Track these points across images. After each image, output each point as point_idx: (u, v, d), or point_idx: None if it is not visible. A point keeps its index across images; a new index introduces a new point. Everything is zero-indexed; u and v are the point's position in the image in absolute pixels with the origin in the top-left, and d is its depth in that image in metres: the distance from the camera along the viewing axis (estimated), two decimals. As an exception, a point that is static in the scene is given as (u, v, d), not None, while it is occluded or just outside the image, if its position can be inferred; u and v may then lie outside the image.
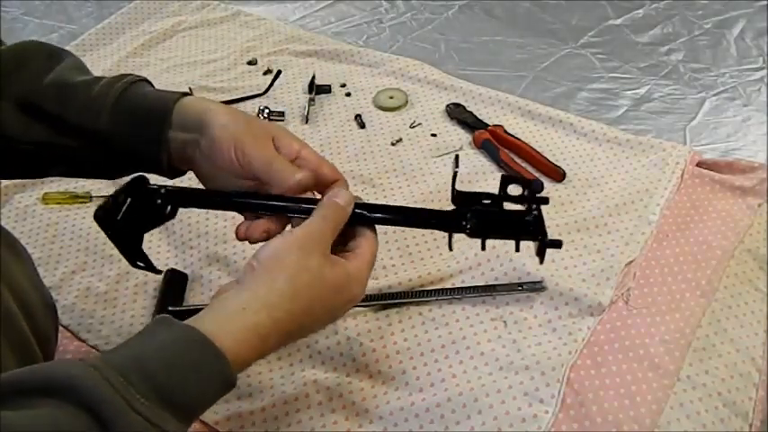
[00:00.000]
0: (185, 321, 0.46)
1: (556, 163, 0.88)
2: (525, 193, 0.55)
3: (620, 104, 1.05)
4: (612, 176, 0.87)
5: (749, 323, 0.72)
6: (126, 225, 0.55)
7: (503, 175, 0.56)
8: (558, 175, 0.87)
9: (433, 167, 0.91)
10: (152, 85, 0.61)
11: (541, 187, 0.56)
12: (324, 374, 0.67)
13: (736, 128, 0.99)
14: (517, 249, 0.56)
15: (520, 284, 0.73)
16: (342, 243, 0.55)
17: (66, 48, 1.12)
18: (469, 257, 0.77)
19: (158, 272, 0.59)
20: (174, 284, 0.76)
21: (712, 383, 0.66)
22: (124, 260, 0.58)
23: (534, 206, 0.55)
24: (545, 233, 0.54)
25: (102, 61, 1.13)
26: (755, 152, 0.94)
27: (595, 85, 1.08)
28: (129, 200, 0.54)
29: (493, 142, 0.91)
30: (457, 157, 0.60)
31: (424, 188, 0.87)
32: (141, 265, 0.57)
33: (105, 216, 0.54)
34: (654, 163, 0.87)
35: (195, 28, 1.21)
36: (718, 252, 0.77)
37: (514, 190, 0.55)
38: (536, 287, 0.73)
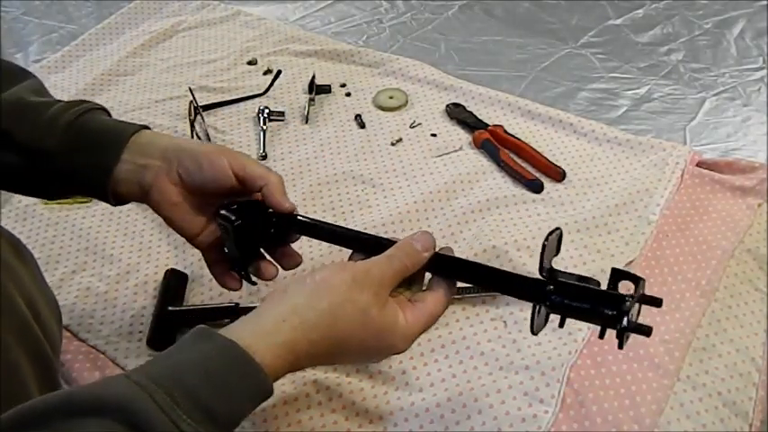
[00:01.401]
0: (224, 331, 0.46)
1: (556, 163, 0.88)
2: (634, 292, 0.50)
3: (620, 104, 1.05)
4: (612, 176, 0.87)
5: (749, 323, 0.72)
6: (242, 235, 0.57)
7: (614, 269, 0.51)
8: (558, 175, 0.87)
9: (433, 167, 0.91)
10: (109, 115, 0.62)
11: (541, 187, 0.55)
12: (324, 374, 0.67)
13: (736, 128, 0.99)
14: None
15: (520, 284, 0.73)
16: (419, 289, 0.54)
17: (66, 48, 1.15)
18: (469, 257, 0.76)
19: (253, 283, 0.61)
20: (174, 284, 0.76)
21: (712, 383, 0.66)
22: (124, 260, 0.58)
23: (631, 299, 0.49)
24: (639, 329, 0.49)
25: (102, 61, 1.13)
26: (755, 152, 0.94)
27: (595, 85, 1.08)
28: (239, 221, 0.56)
29: (493, 142, 0.91)
30: (553, 233, 0.55)
31: (424, 188, 0.87)
32: (242, 273, 0.60)
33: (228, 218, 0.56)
34: (654, 163, 0.87)
35: (195, 28, 1.21)
36: (718, 252, 0.77)
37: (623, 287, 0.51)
38: (536, 287, 0.73)
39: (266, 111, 1.00)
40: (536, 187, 0.86)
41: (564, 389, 0.65)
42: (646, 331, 0.48)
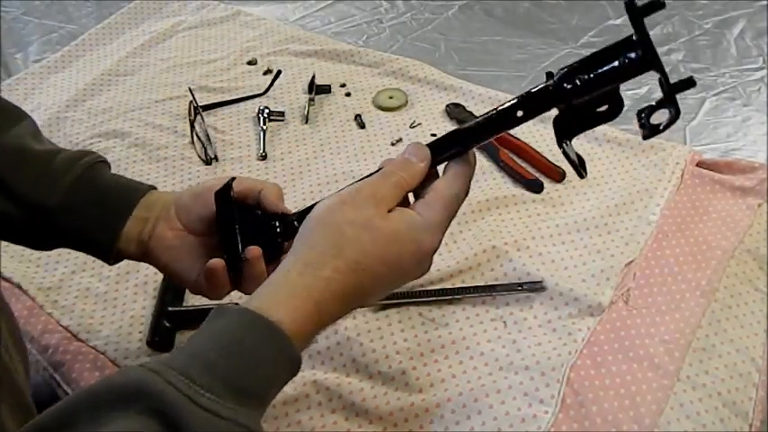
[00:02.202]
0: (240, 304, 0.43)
1: (556, 163, 0.88)
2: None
3: (620, 104, 1.04)
4: (612, 176, 0.87)
5: (749, 323, 0.72)
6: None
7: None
8: (558, 175, 0.87)
9: (432, 167, 0.91)
10: (110, 166, 0.61)
11: (541, 187, 0.53)
12: (324, 374, 0.67)
13: (736, 128, 0.99)
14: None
15: (520, 284, 0.73)
16: None
17: (66, 48, 1.15)
18: (469, 257, 0.77)
19: (235, 284, 0.56)
20: (174, 285, 0.76)
21: (712, 383, 0.66)
22: (124, 260, 0.58)
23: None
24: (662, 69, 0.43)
25: (102, 61, 1.13)
26: (755, 152, 0.94)
27: (595, 85, 1.08)
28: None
29: (493, 142, 0.91)
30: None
31: (423, 188, 0.87)
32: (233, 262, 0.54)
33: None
34: (654, 163, 0.87)
35: (195, 28, 1.21)
36: (718, 252, 0.77)
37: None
38: (536, 287, 0.73)
39: (266, 111, 1.00)
40: (536, 187, 0.86)
41: (564, 389, 0.65)
42: (692, 81, 0.42)
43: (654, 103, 0.46)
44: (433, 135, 0.96)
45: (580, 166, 0.50)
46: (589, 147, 0.92)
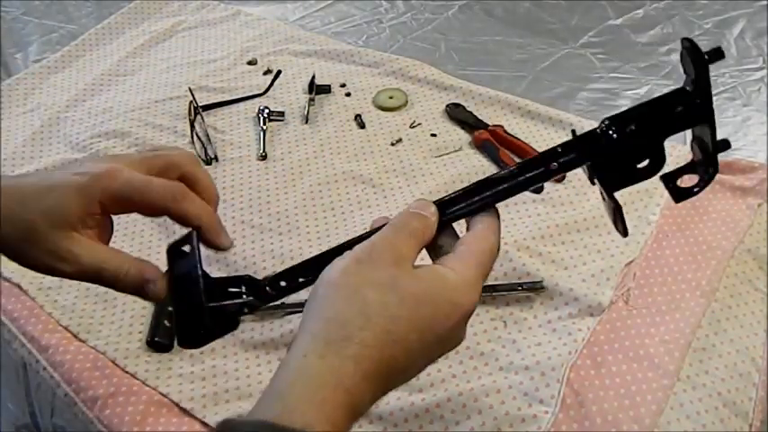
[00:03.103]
0: (252, 414, 0.35)
1: (556, 163, 0.88)
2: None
3: (620, 104, 1.04)
4: (612, 176, 0.87)
5: (749, 323, 0.72)
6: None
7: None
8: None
9: (432, 167, 0.91)
10: None
11: (541, 187, 0.50)
12: (324, 374, 0.67)
13: (736, 128, 0.99)
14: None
15: (520, 284, 0.73)
16: None
17: (66, 48, 1.15)
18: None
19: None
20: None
21: (712, 383, 0.66)
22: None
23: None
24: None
25: (102, 61, 1.13)
26: (755, 152, 0.94)
27: (595, 85, 1.08)
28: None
29: (493, 142, 0.91)
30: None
31: (423, 188, 0.87)
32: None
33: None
34: (654, 163, 0.87)
35: (195, 28, 1.21)
36: (718, 252, 0.77)
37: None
38: (536, 287, 0.73)
39: (266, 111, 1.00)
40: (536, 187, 0.86)
41: (564, 389, 0.65)
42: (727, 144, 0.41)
43: (684, 165, 0.44)
44: (433, 135, 0.96)
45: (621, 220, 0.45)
46: (589, 147, 0.92)
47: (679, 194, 0.45)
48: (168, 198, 0.45)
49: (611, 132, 0.43)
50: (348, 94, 1.04)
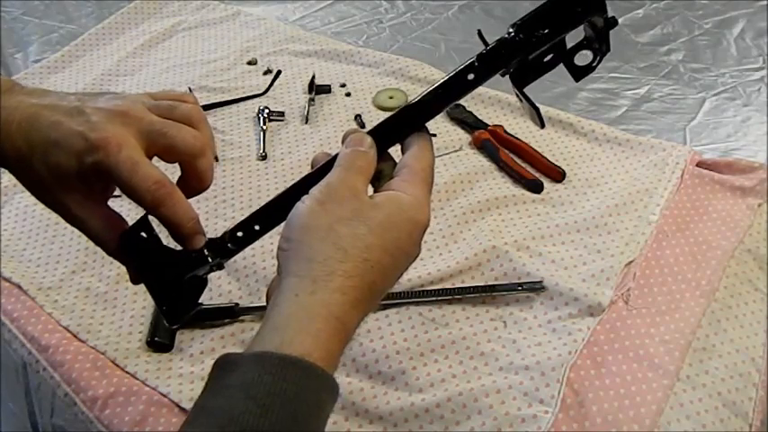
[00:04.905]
0: (250, 348, 0.39)
1: (556, 163, 0.88)
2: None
3: (620, 104, 1.04)
4: (612, 176, 0.87)
5: (749, 323, 0.72)
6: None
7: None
8: (558, 175, 0.87)
9: (432, 167, 0.91)
10: None
11: (541, 187, 0.54)
12: (324, 374, 0.67)
13: (736, 128, 0.99)
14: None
15: (520, 284, 0.73)
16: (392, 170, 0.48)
17: (66, 48, 1.15)
18: (469, 257, 0.77)
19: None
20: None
21: (712, 383, 0.66)
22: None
23: None
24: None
25: (102, 61, 1.13)
26: (755, 152, 0.94)
27: (595, 85, 1.08)
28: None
29: (493, 142, 0.91)
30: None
31: (423, 188, 0.87)
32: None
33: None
34: (654, 163, 0.87)
35: (195, 28, 1.21)
36: (718, 252, 0.77)
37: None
38: (536, 287, 0.73)
39: (266, 111, 1.00)
40: (536, 187, 0.86)
41: (564, 389, 0.65)
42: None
43: (578, 43, 0.49)
44: (433, 135, 0.95)
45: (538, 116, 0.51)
46: (589, 147, 0.92)
47: (577, 72, 0.50)
48: (147, 199, 0.46)
49: (520, 38, 0.47)
50: (348, 94, 1.04)
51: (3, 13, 1.30)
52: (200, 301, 0.49)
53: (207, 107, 1.02)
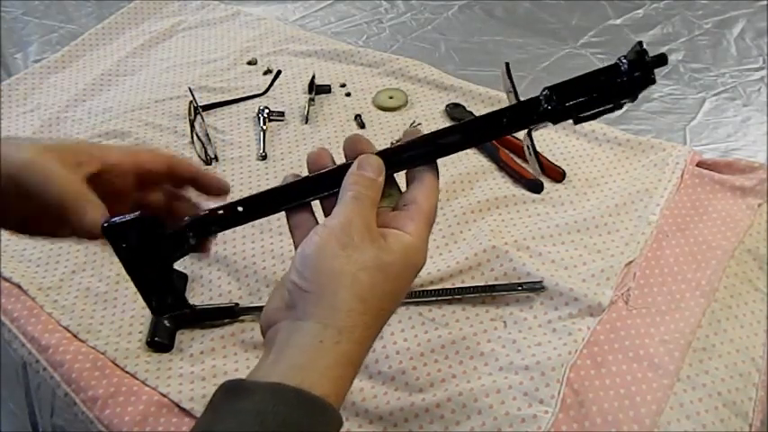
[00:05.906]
0: (258, 378, 0.40)
1: (556, 163, 0.88)
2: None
3: (619, 104, 1.04)
4: (612, 176, 0.87)
5: (749, 323, 0.72)
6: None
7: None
8: (558, 175, 0.87)
9: (432, 167, 0.91)
10: None
11: (541, 187, 0.54)
12: (324, 374, 0.67)
13: (736, 128, 0.99)
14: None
15: (520, 284, 0.73)
16: (397, 192, 0.49)
17: (66, 48, 1.15)
18: (469, 257, 0.77)
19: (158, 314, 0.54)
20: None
21: (712, 383, 0.66)
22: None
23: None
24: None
25: (102, 61, 1.13)
26: (755, 152, 0.94)
27: (595, 85, 1.08)
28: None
29: (493, 142, 0.91)
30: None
31: (423, 188, 0.87)
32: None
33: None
34: (654, 163, 0.87)
35: (195, 28, 1.21)
36: (718, 252, 0.77)
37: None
38: (536, 287, 0.73)
39: (266, 111, 1.00)
40: (536, 187, 0.86)
41: (564, 389, 0.65)
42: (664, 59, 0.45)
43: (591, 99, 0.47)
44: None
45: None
46: (589, 147, 0.92)
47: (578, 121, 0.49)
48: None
49: (550, 105, 0.47)
50: (348, 94, 1.04)
51: (3, 13, 1.30)
52: (186, 296, 0.50)
53: (207, 107, 1.02)
